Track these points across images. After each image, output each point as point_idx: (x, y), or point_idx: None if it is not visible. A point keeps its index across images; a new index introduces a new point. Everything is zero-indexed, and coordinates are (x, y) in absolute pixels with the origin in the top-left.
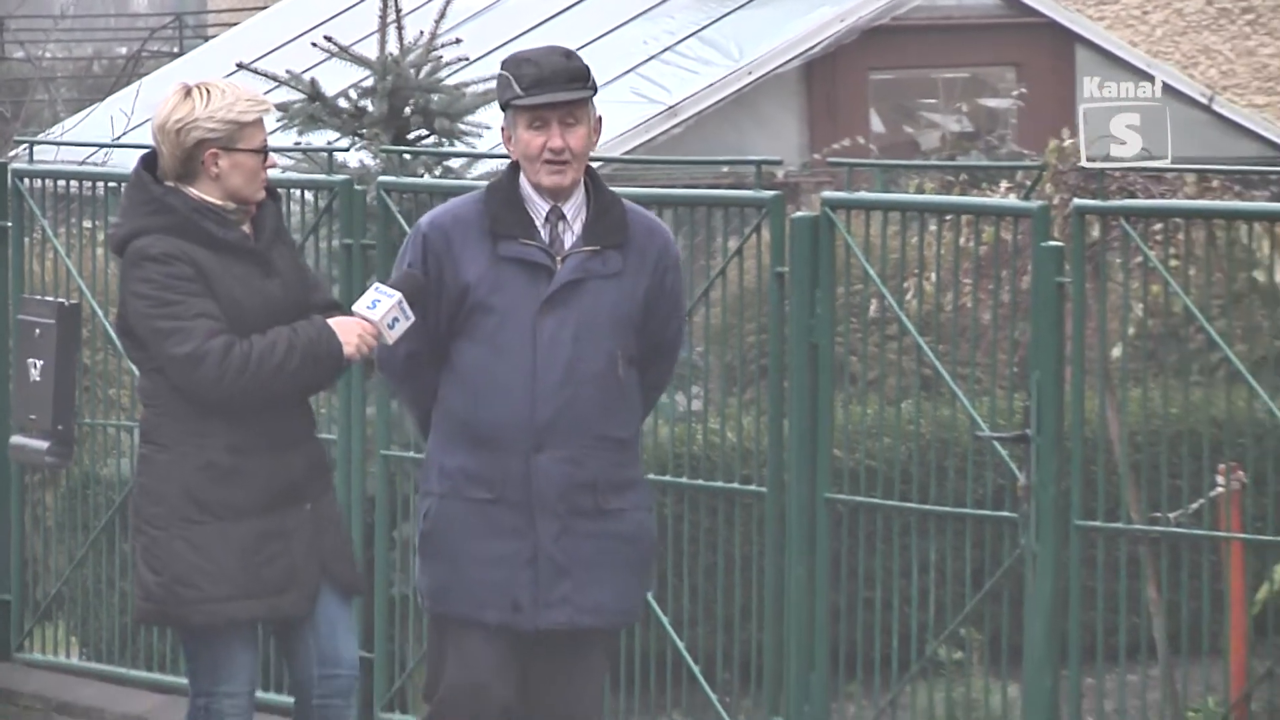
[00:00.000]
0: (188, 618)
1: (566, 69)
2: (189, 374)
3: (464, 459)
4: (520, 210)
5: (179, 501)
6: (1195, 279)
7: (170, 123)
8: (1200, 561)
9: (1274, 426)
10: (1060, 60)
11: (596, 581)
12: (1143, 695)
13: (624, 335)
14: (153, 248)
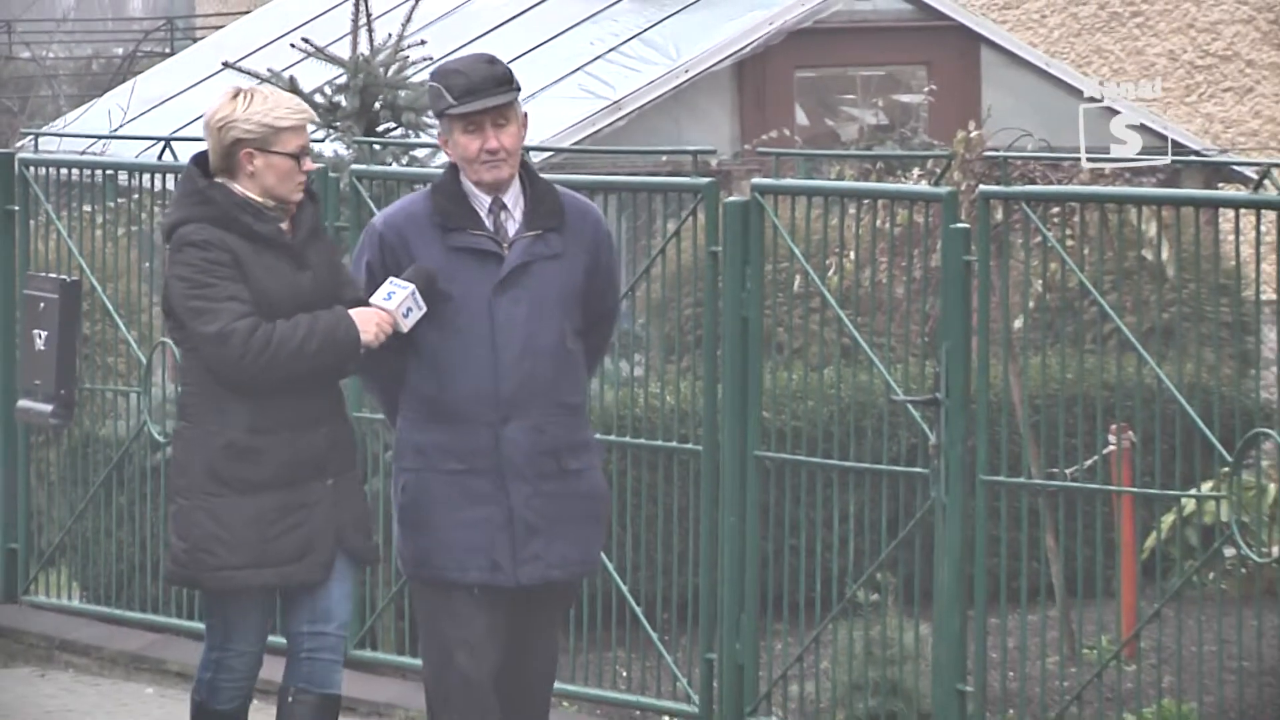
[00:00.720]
0: (206, 582)
1: (492, 75)
2: (215, 351)
3: (435, 435)
4: (465, 205)
5: (201, 475)
6: (1089, 257)
7: (214, 120)
8: (1094, 513)
9: (1160, 391)
10: (967, 60)
11: (562, 537)
12: (1042, 634)
13: (570, 310)
14: (195, 235)
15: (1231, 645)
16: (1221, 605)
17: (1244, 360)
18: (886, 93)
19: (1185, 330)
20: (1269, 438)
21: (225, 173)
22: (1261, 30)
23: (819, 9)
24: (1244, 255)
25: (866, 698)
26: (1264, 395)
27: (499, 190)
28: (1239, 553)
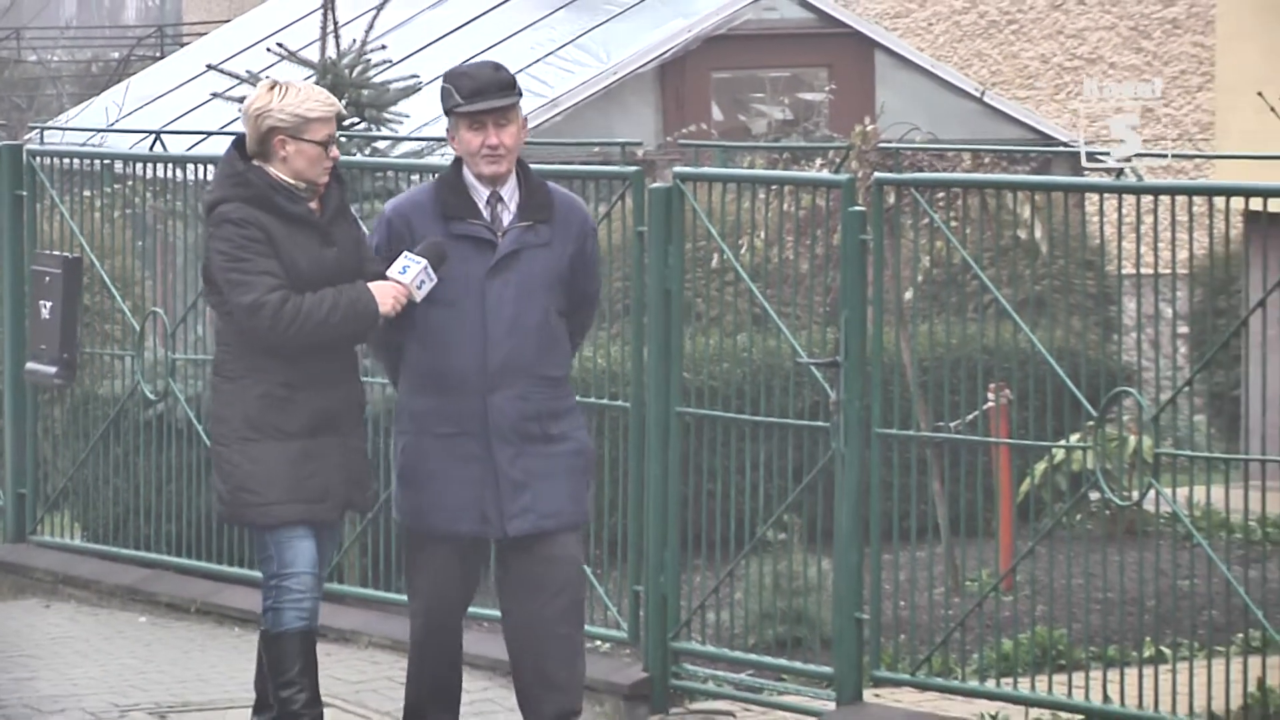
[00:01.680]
0: (250, 517)
1: (498, 80)
2: (249, 319)
3: (430, 402)
4: (465, 196)
5: (239, 423)
6: (970, 236)
7: (252, 110)
8: (975, 462)
9: (1034, 354)
10: (862, 63)
11: (552, 491)
12: (930, 568)
13: (554, 293)
14: (233, 213)
15: (1097, 578)
16: (1088, 543)
17: (1107, 327)
18: (792, 92)
19: (1055, 301)
20: (1129, 395)
21: (261, 157)
22: (1122, 35)
23: (732, 18)
24: (1107, 235)
25: (775, 625)
26: (1124, 358)
27: (497, 183)
28: (1103, 496)
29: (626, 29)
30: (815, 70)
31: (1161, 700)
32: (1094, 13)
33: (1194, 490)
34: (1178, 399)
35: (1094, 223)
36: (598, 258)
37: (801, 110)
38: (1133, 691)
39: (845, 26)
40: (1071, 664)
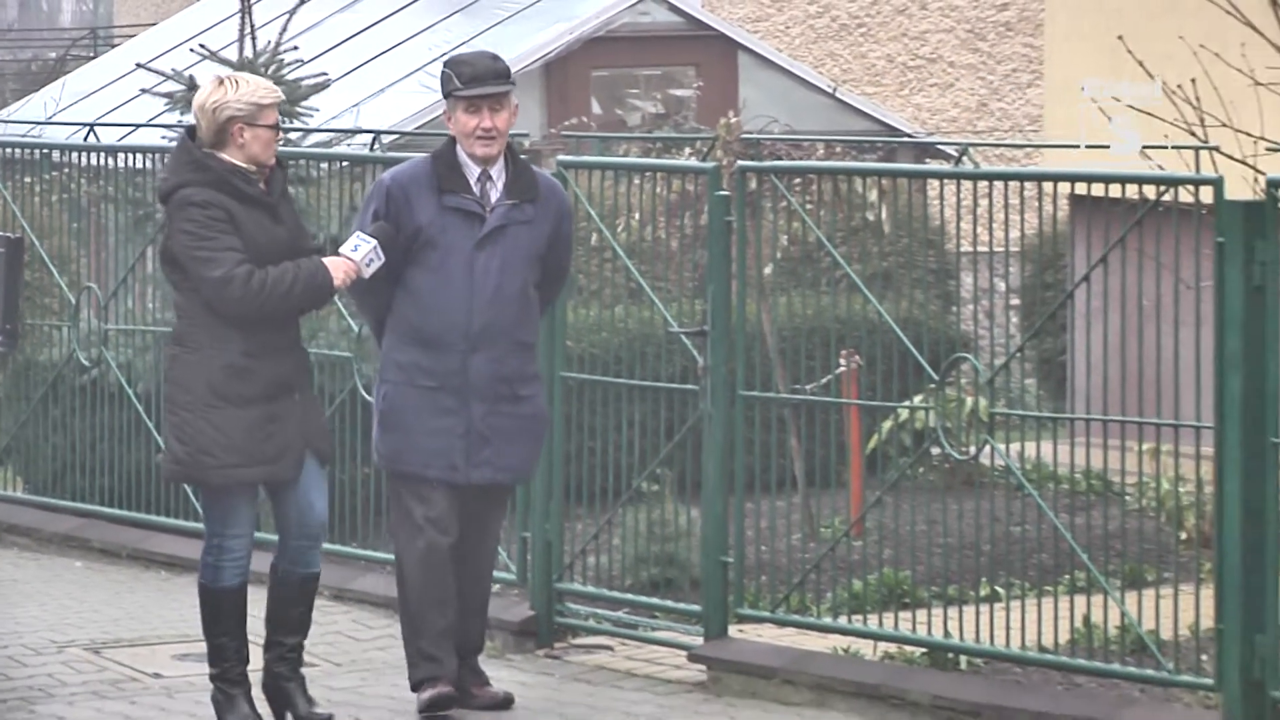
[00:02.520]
0: (208, 479)
1: (494, 69)
2: (219, 292)
3: (414, 355)
4: (458, 172)
5: (203, 391)
6: (824, 218)
7: (209, 103)
8: (828, 420)
9: (881, 323)
10: (727, 62)
11: (510, 449)
12: (788, 517)
13: (533, 266)
14: (195, 196)
15: (938, 525)
16: (929, 493)
17: (946, 300)
18: (663, 88)
19: (900, 275)
20: (966, 360)
21: (216, 145)
22: (960, 38)
23: (609, 21)
24: (946, 216)
25: (649, 567)
26: (962, 327)
27: (488, 163)
28: (943, 451)
29: (514, 31)
30: (684, 69)
31: (996, 635)
32: (934, 17)
33: (1025, 446)
34: (1010, 364)
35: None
36: (573, 237)
37: (672, 105)
38: (970, 627)
39: (711, 29)
40: (915, 602)
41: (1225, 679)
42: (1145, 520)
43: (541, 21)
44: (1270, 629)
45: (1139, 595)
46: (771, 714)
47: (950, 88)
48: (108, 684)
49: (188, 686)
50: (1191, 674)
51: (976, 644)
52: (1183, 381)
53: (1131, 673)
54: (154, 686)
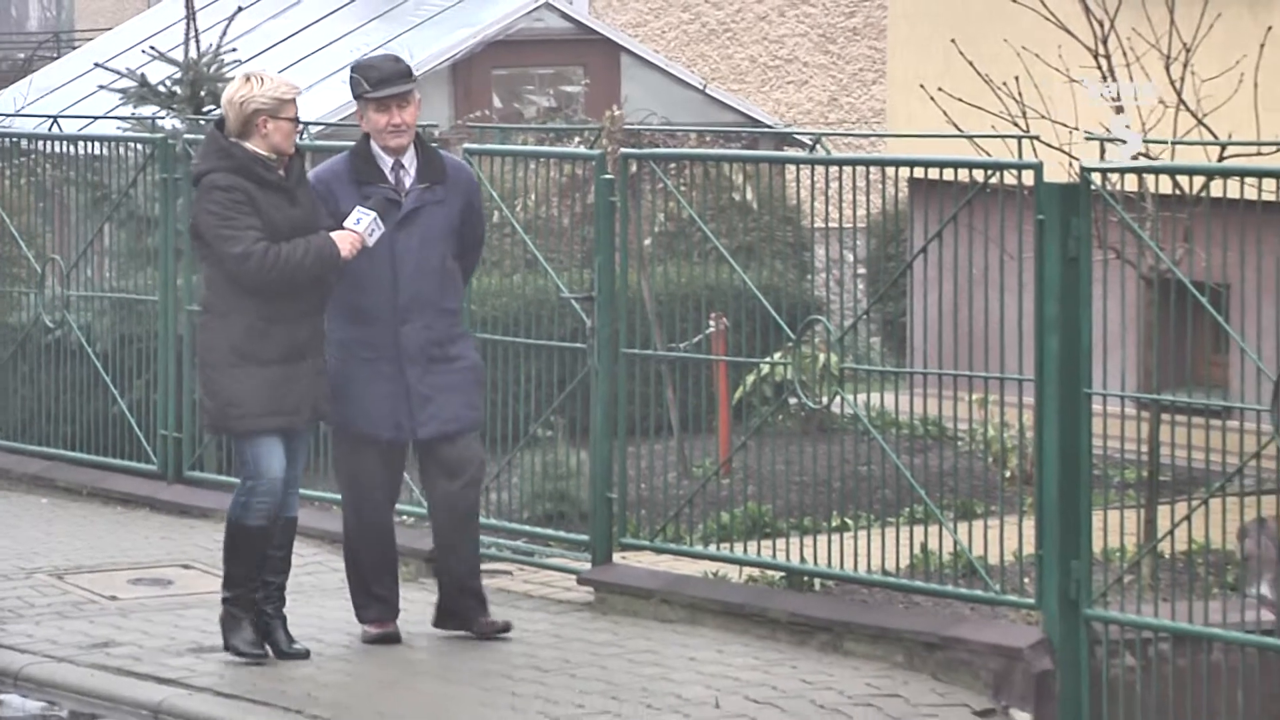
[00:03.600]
0: (235, 428)
1: (397, 70)
2: (240, 265)
3: (353, 331)
4: (374, 164)
5: (226, 351)
6: (695, 198)
7: (237, 98)
8: (700, 374)
9: (745, 290)
10: (610, 62)
11: (451, 401)
12: (665, 458)
13: (450, 241)
14: (221, 180)
15: (795, 465)
16: (788, 438)
17: (802, 269)
18: (555, 85)
19: (762, 248)
20: (819, 322)
21: (242, 135)
22: (813, 41)
23: (509, 27)
24: (802, 197)
25: (544, 502)
26: (816, 293)
27: (399, 154)
28: (799, 401)
29: (425, 35)
30: (574, 68)
31: (845, 561)
32: (791, 22)
33: (870, 396)
34: (857, 325)
35: (792, 187)
36: (482, 209)
37: (563, 100)
38: (823, 554)
39: (597, 34)
40: (775, 532)
41: (1044, 599)
42: (975, 461)
43: (449, 27)
44: (1083, 555)
45: (969, 526)
46: (650, 631)
47: (805, 85)
48: (70, 605)
49: (140, 607)
50: (1015, 594)
51: (828, 568)
52: (1007, 340)
53: (963, 593)
54: (110, 607)
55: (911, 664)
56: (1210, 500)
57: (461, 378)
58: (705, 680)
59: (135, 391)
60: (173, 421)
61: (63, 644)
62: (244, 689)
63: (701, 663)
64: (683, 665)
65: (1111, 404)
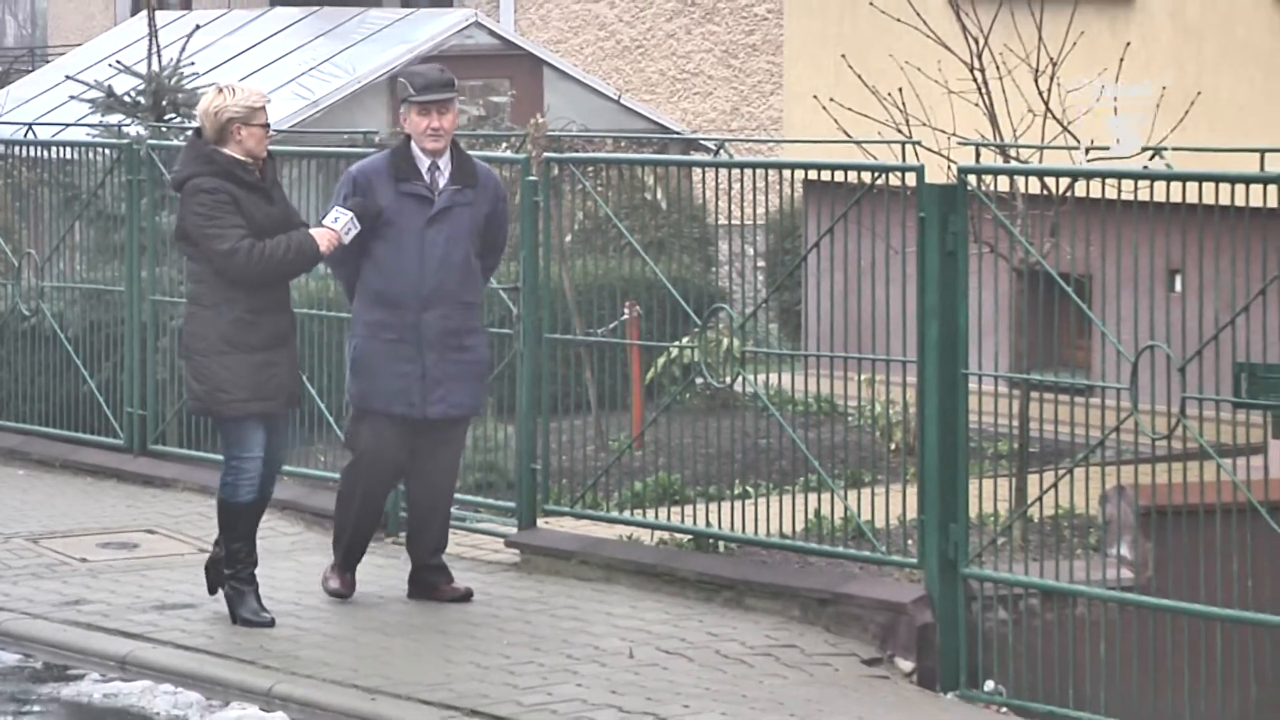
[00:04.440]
0: (223, 411)
1: (441, 79)
2: (227, 261)
3: (378, 314)
4: (412, 163)
5: (215, 340)
6: (611, 198)
7: (212, 108)
8: (615, 357)
9: (656, 281)
10: (534, 75)
11: (459, 388)
12: (584, 432)
13: (474, 239)
14: (205, 184)
15: (701, 439)
16: (695, 414)
17: (707, 262)
18: (485, 96)
19: (671, 243)
20: (723, 309)
21: (218, 142)
22: (717, 56)
23: (442, 43)
24: (708, 197)
25: (474, 472)
26: (720, 284)
27: (436, 155)
28: (705, 381)
29: (366, 51)
30: (501, 80)
31: (747, 525)
32: (696, 40)
33: (769, 376)
34: (757, 312)
35: (698, 188)
36: (508, 216)
37: (491, 109)
38: (726, 519)
39: (522, 50)
40: (683, 499)
41: (926, 558)
42: (863, 434)
43: (388, 43)
44: (961, 519)
45: (858, 493)
46: (571, 588)
47: (709, 96)
48: (44, 567)
49: (108, 568)
50: (900, 555)
51: (731, 532)
52: (892, 326)
53: (852, 554)
54: (81, 569)
55: (806, 618)
56: (1075, 470)
57: (472, 369)
58: (620, 633)
59: (103, 373)
60: (137, 399)
61: (38, 602)
62: (202, 642)
63: (617, 617)
64: (600, 619)
65: (986, 383)
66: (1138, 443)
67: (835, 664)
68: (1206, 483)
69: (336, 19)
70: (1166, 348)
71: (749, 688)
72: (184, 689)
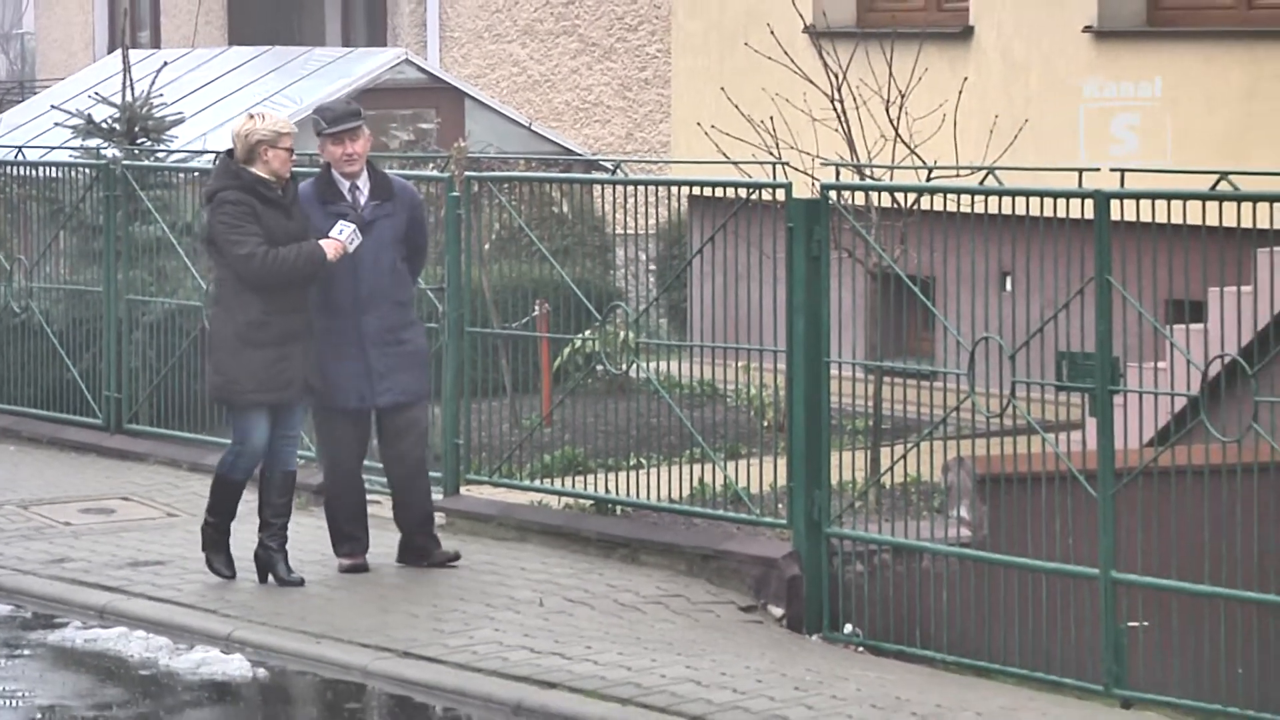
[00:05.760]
0: (234, 401)
1: (349, 110)
2: (245, 265)
3: (325, 321)
4: (334, 186)
5: (231, 338)
6: (524, 211)
7: (243, 131)
8: (528, 348)
9: (563, 282)
10: (457, 105)
11: (404, 377)
12: (500, 412)
13: (399, 246)
14: (230, 196)
15: (601, 418)
16: (596, 396)
17: (606, 266)
18: (414, 123)
19: (575, 249)
20: (620, 306)
21: (247, 161)
22: (614, 89)
23: (377, 78)
24: (606, 210)
25: None
26: (618, 284)
27: (354, 178)
28: (605, 368)
29: (311, 85)
30: (428, 110)
31: (642, 491)
32: (596, 75)
33: (660, 364)
34: (650, 309)
35: (599, 202)
36: (425, 222)
37: (420, 134)
38: (623, 486)
39: (446, 84)
40: (586, 470)
41: (794, 520)
42: (740, 413)
43: (330, 78)
44: (824, 486)
45: (736, 464)
46: (489, 547)
47: (608, 123)
48: (33, 529)
49: (89, 531)
50: (771, 517)
51: (627, 497)
52: (765, 320)
53: (731, 516)
54: (65, 531)
55: (692, 571)
56: (921, 443)
57: (411, 359)
58: (532, 585)
59: (84, 362)
60: (114, 385)
61: (27, 560)
62: (170, 594)
63: (529, 571)
64: (515, 573)
65: (845, 369)
66: (975, 420)
67: (716, 611)
68: (1033, 454)
69: (286, 57)
70: (999, 339)
71: (642, 631)
72: (154, 634)
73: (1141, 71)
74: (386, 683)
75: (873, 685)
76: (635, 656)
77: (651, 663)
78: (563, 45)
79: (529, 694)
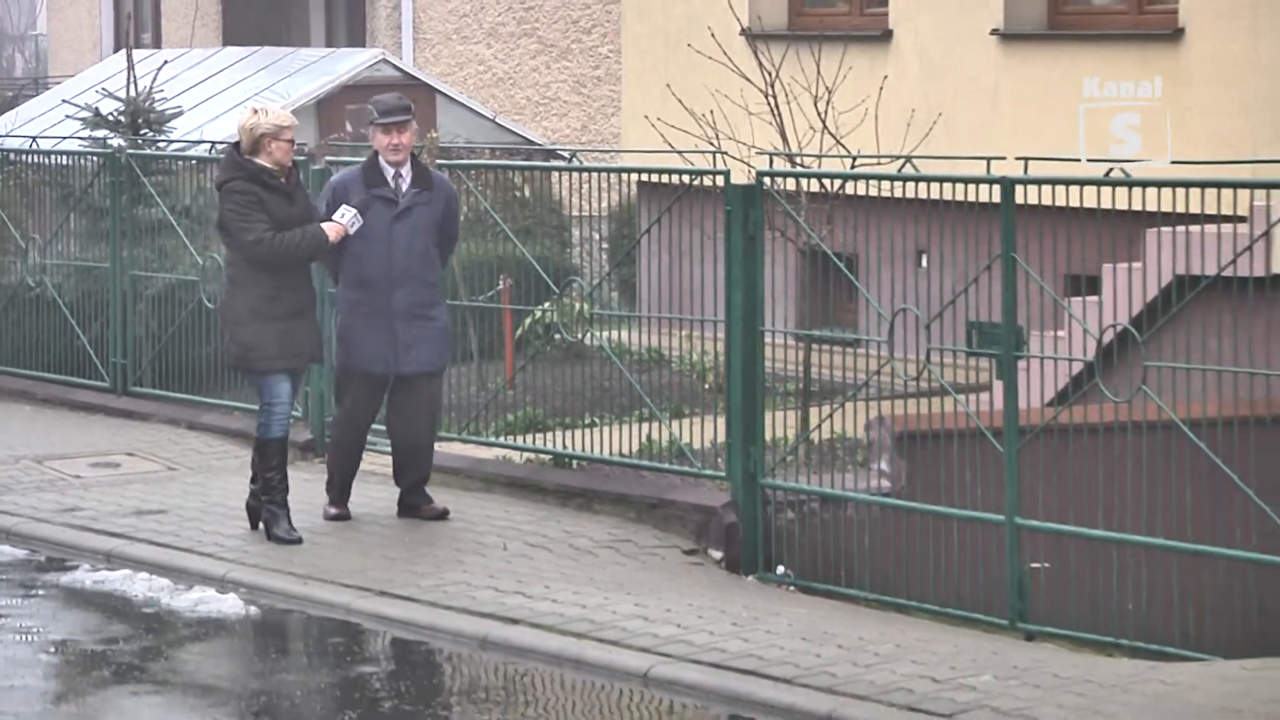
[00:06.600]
0: (255, 367)
1: (399, 105)
2: (253, 249)
3: (357, 294)
4: (379, 173)
5: (244, 312)
6: (490, 195)
7: (248, 125)
8: (493, 318)
9: (525, 259)
10: (429, 100)
11: (426, 350)
12: (468, 377)
13: (432, 232)
14: (238, 186)
15: (560, 382)
16: (555, 362)
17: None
18: None
19: (537, 229)
20: (576, 281)
21: (252, 153)
22: (570, 85)
23: (358, 75)
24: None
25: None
26: (574, 261)
27: (399, 166)
28: (562, 336)
29: (298, 81)
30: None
31: (595, 447)
32: (554, 73)
33: (612, 333)
34: (603, 283)
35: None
36: (458, 213)
37: None
38: (579, 443)
39: (419, 80)
40: (546, 428)
41: (732, 472)
42: (684, 377)
43: (314, 75)
44: (759, 442)
45: (680, 423)
46: (459, 497)
47: (565, 116)
48: (46, 482)
49: (97, 483)
50: (711, 470)
51: (583, 453)
52: (706, 294)
53: (675, 469)
54: (76, 483)
55: (640, 519)
56: (846, 404)
57: (435, 333)
58: (497, 531)
59: (92, 331)
60: (119, 351)
61: (41, 509)
62: (171, 540)
63: (494, 519)
64: (481, 521)
65: (778, 338)
66: (894, 383)
67: (662, 554)
68: (946, 413)
69: (275, 56)
70: (915, 310)
71: (596, 572)
72: (156, 576)
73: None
74: (367, 619)
75: (803, 620)
76: (589, 595)
77: (604, 601)
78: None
79: (494, 629)
